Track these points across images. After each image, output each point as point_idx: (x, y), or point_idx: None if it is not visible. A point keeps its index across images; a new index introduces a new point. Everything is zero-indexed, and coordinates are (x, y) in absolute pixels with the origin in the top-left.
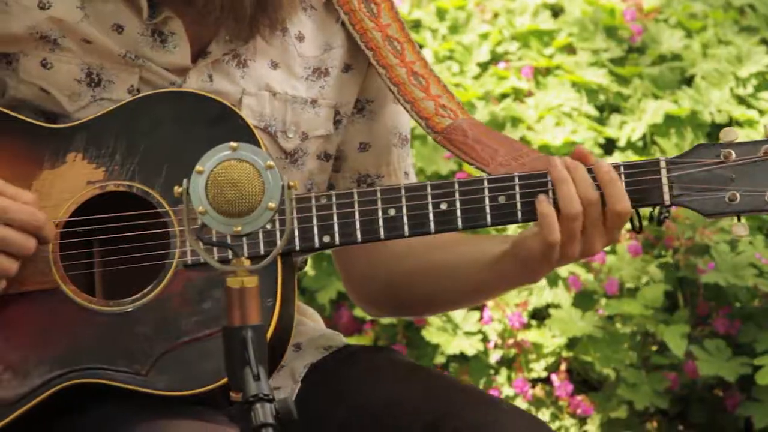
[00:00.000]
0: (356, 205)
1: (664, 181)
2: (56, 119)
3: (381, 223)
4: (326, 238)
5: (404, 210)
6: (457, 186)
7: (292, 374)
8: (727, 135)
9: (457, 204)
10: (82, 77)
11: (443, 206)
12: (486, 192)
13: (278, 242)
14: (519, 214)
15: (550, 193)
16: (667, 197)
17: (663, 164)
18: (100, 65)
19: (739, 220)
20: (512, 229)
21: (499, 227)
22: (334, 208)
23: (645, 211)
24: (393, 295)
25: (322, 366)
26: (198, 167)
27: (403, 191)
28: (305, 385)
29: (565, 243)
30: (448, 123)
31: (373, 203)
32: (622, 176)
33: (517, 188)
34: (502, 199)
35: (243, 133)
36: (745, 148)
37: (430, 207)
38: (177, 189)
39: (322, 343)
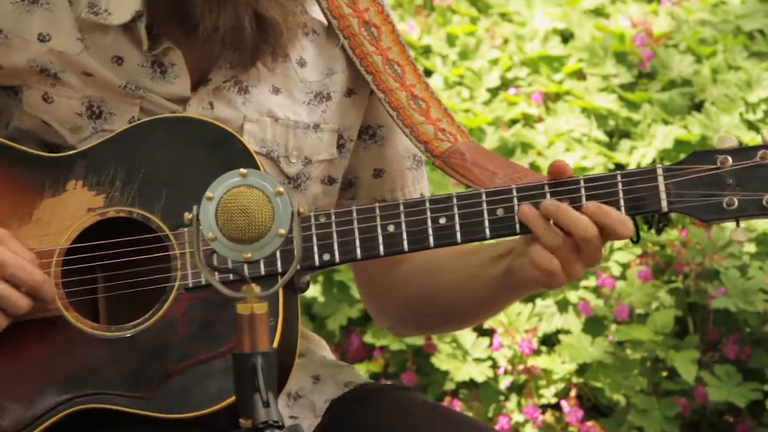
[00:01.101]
0: (355, 223)
1: (662, 188)
2: (58, 150)
3: (380, 239)
4: (326, 256)
5: (403, 226)
6: (455, 200)
7: (312, 407)
8: (723, 141)
9: (456, 218)
10: (83, 110)
11: (442, 221)
12: (484, 205)
13: (279, 264)
14: (517, 226)
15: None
16: (664, 204)
17: (660, 171)
18: (101, 98)
19: (738, 225)
20: None
21: None
22: (334, 226)
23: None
24: (408, 313)
25: (342, 402)
26: (208, 194)
27: (401, 207)
28: (325, 420)
29: (564, 266)
30: (447, 147)
31: (372, 220)
32: (620, 184)
33: (515, 200)
34: (500, 212)
35: (242, 157)
36: (741, 153)
37: (429, 222)
38: (187, 215)
39: (343, 378)
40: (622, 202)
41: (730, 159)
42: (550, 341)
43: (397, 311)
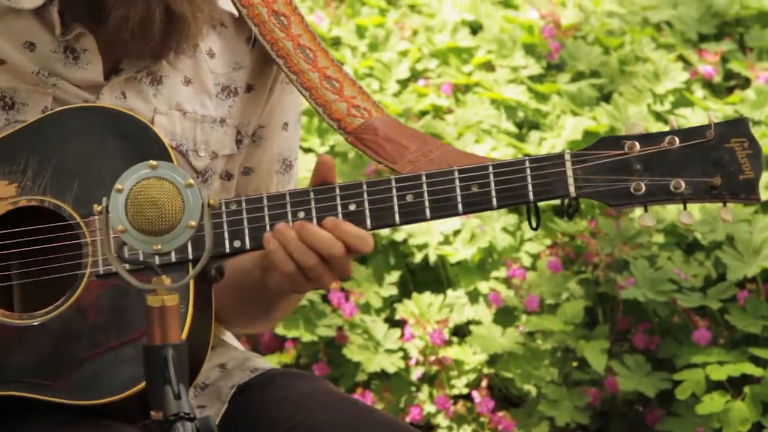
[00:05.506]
0: (266, 210)
1: (569, 173)
2: None
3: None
4: (237, 243)
5: (313, 212)
6: (365, 186)
7: (218, 394)
8: (631, 128)
9: (366, 204)
10: None
11: (352, 207)
12: (394, 191)
13: (190, 251)
14: (427, 211)
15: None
16: (572, 189)
17: (568, 156)
18: (13, 88)
19: (645, 210)
20: None
21: None
22: (245, 213)
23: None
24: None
25: (249, 388)
26: (117, 185)
27: (311, 194)
28: (231, 406)
29: (312, 279)
30: (360, 122)
31: (282, 207)
32: (528, 170)
33: (425, 186)
34: (410, 198)
35: (155, 147)
36: (649, 139)
37: (339, 208)
38: (96, 207)
39: (249, 365)
40: (530, 187)
41: (637, 144)
42: (461, 332)
43: None
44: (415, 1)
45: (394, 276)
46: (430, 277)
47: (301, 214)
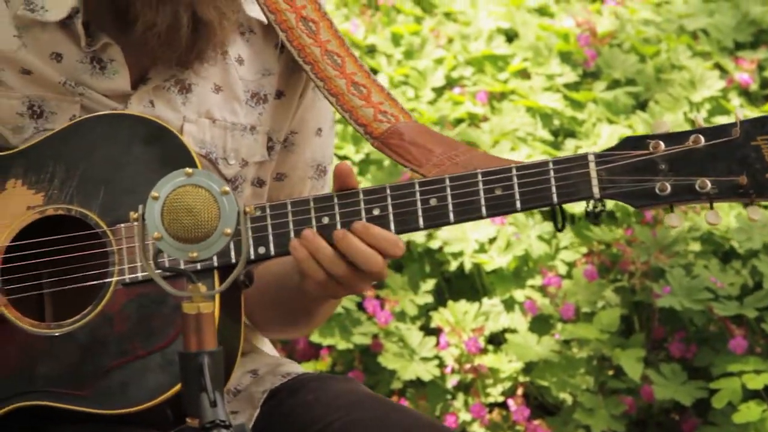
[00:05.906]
0: (290, 215)
1: (593, 174)
2: (0, 151)
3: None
4: (261, 250)
5: (337, 218)
6: (389, 191)
7: (250, 400)
8: (657, 127)
9: (390, 209)
10: (24, 110)
11: (376, 212)
12: (417, 195)
13: (215, 259)
14: (451, 215)
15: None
16: (596, 190)
17: (591, 158)
18: (42, 97)
19: (672, 210)
20: None
21: None
22: (269, 219)
23: (576, 208)
24: (252, 313)
25: (281, 393)
26: (153, 193)
27: (335, 199)
28: (264, 410)
29: (341, 285)
30: (386, 127)
31: (306, 212)
32: (552, 172)
33: (448, 190)
34: (433, 201)
35: (181, 154)
36: (673, 138)
37: (363, 213)
38: (133, 215)
39: (281, 370)
40: (553, 189)
41: (662, 144)
42: (496, 340)
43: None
44: (451, 9)
45: (430, 284)
46: (465, 285)
47: (326, 220)
